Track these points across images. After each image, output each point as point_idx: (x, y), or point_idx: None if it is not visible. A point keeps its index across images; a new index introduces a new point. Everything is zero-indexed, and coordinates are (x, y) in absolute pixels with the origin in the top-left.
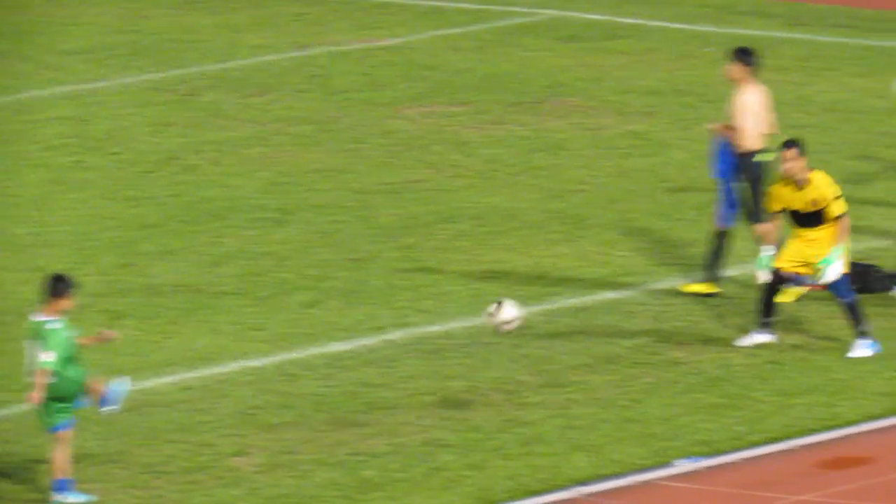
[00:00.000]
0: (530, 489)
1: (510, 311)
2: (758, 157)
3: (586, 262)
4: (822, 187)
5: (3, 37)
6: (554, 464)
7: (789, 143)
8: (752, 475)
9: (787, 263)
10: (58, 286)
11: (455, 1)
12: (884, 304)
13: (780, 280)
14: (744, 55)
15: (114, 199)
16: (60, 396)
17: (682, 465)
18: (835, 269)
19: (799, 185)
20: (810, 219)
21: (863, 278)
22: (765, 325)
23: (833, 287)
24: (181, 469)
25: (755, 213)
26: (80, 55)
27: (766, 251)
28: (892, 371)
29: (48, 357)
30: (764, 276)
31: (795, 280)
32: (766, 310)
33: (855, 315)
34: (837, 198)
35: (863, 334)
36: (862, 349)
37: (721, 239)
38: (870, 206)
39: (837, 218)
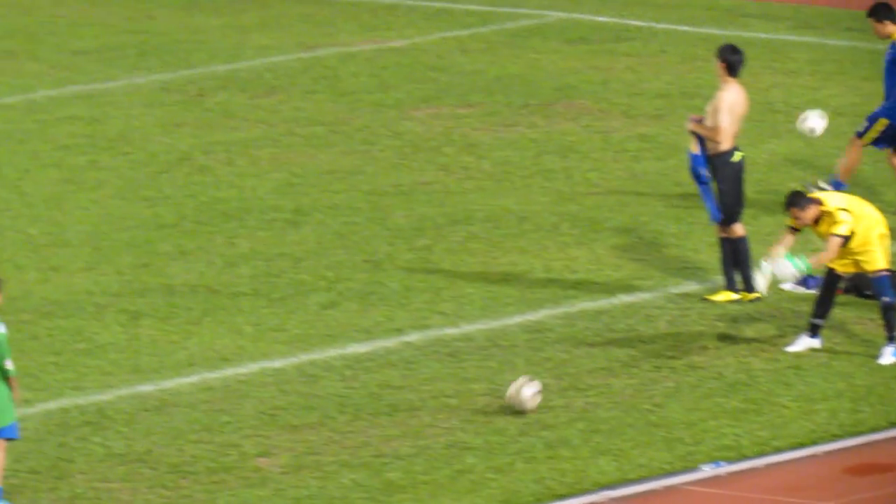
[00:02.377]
0: (556, 493)
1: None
2: (726, 158)
3: (601, 266)
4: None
5: (12, 37)
6: (579, 468)
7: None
8: (778, 480)
9: (839, 265)
10: None
11: (463, 3)
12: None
13: (836, 279)
14: (724, 53)
15: (128, 198)
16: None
17: (708, 470)
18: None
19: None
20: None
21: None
22: (814, 328)
23: (877, 286)
24: (207, 469)
25: (727, 215)
26: (90, 55)
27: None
28: None
29: (11, 364)
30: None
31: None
32: (820, 312)
33: (892, 318)
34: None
35: (892, 339)
36: (891, 356)
37: (726, 245)
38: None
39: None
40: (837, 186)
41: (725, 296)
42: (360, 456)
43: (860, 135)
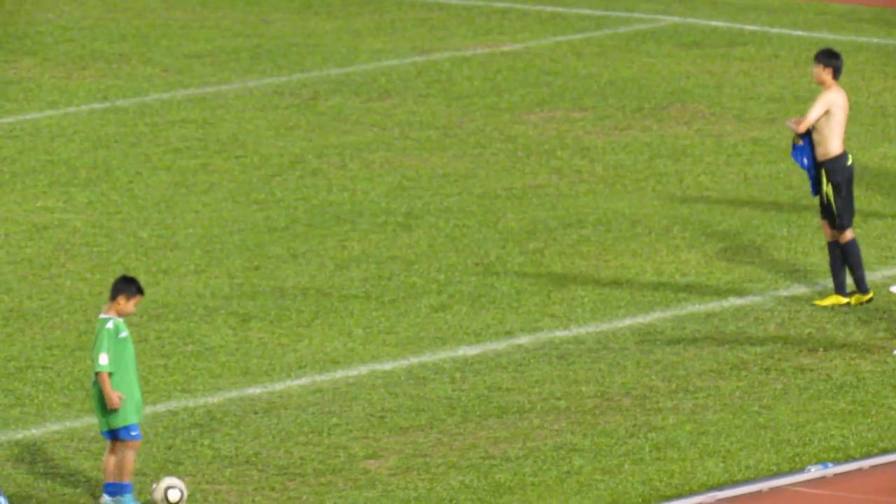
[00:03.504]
0: (664, 494)
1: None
2: (842, 163)
3: (711, 269)
4: None
5: (125, 40)
6: (687, 469)
7: None
8: (885, 482)
9: None
10: (121, 286)
11: (576, 7)
12: None
13: None
14: (829, 58)
15: (240, 202)
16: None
17: (815, 472)
18: None
19: None
20: None
21: None
22: None
23: None
24: (315, 471)
25: (840, 219)
26: (203, 58)
27: None
28: None
29: (103, 360)
30: None
31: None
32: None
33: None
34: None
35: None
36: None
37: (835, 249)
38: None
39: None
40: None
41: (835, 300)
42: (468, 458)
43: None
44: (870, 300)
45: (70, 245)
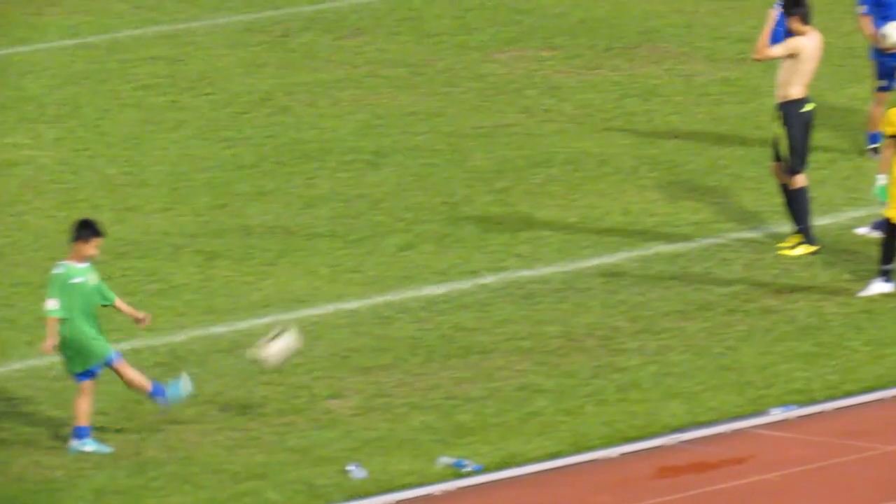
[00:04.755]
0: (626, 436)
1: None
2: (798, 107)
3: (678, 209)
4: None
5: None
6: (650, 410)
7: None
8: (847, 424)
9: None
10: (76, 231)
11: None
12: None
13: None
14: (790, 6)
15: (208, 139)
16: (75, 347)
17: (778, 414)
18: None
19: None
20: None
21: None
22: (885, 274)
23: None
24: (276, 411)
25: (793, 164)
26: None
27: (881, 180)
28: None
29: (50, 304)
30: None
31: None
32: (887, 257)
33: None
34: None
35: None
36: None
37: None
38: None
39: None
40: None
41: (804, 248)
42: (430, 398)
43: None
44: (816, 252)
45: (37, 182)
